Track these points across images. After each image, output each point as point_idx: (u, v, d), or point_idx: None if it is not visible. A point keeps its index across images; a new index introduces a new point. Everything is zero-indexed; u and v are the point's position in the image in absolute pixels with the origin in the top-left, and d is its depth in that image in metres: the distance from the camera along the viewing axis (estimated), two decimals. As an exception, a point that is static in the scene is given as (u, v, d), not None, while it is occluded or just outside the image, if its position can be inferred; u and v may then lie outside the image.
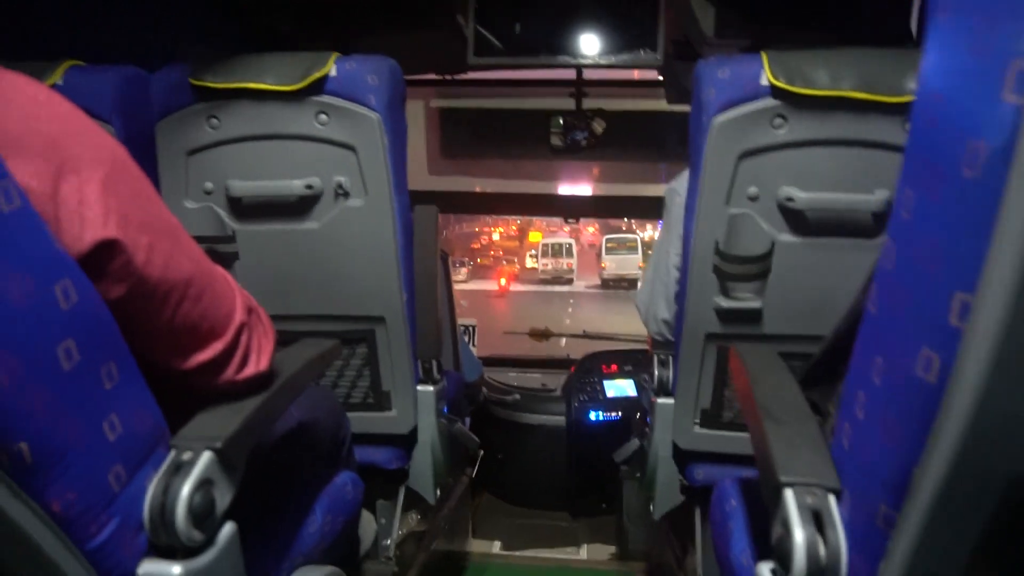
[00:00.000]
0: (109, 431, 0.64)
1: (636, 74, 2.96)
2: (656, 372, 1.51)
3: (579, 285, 23.36)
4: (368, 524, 1.64)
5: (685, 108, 1.43)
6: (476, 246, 30.74)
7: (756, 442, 0.74)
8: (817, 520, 0.62)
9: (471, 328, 3.08)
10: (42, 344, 0.56)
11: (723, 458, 1.46)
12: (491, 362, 3.10)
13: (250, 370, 0.81)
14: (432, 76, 2.94)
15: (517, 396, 2.86)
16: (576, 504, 2.76)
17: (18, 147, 0.59)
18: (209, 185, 1.43)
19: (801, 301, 1.33)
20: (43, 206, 0.60)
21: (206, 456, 0.72)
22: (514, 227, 33.11)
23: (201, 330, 0.75)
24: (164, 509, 0.68)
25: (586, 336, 3.53)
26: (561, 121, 2.82)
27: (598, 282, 22.96)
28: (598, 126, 2.85)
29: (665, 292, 1.51)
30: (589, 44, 2.35)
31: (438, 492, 1.64)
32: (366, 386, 1.55)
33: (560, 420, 2.76)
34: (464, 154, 3.09)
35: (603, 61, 2.36)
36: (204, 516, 0.70)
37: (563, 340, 3.76)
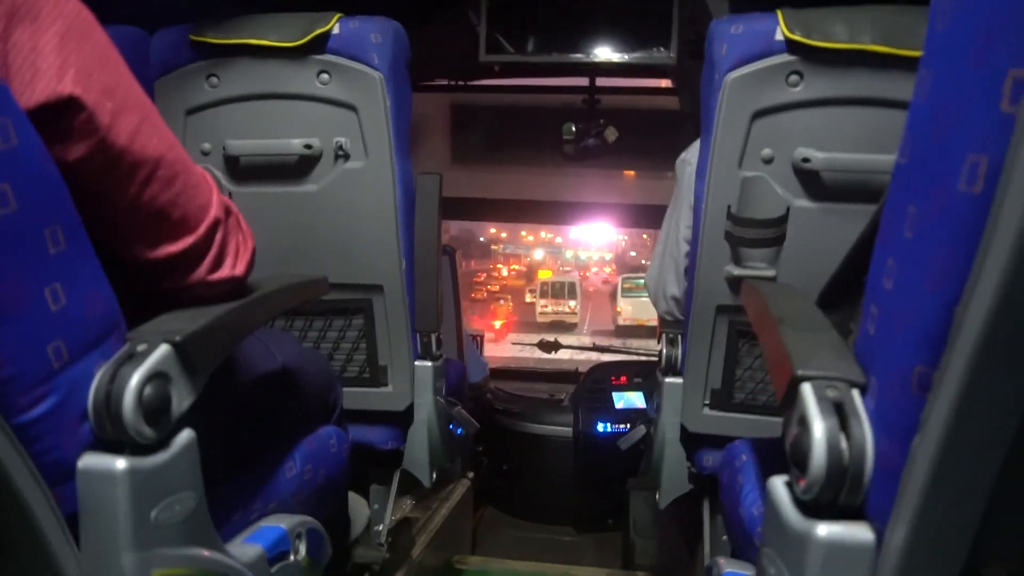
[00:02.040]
0: (51, 300, 0.58)
1: (649, 82, 2.94)
2: (664, 350, 1.44)
3: (584, 336, 19.08)
4: (360, 508, 1.56)
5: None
6: (478, 279, 28.06)
7: (770, 348, 0.67)
8: (839, 415, 0.54)
9: (479, 337, 3.01)
10: None
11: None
12: (498, 373, 3.02)
13: (224, 272, 0.76)
14: (446, 82, 2.95)
15: (523, 405, 2.77)
16: (581, 518, 2.65)
17: None
18: (207, 145, 1.39)
19: (817, 270, 1.24)
20: None
21: (163, 348, 0.65)
22: (516, 266, 31.48)
23: (171, 218, 0.70)
24: (110, 397, 0.61)
25: (596, 349, 3.45)
26: (573, 128, 2.79)
27: (611, 328, 19.68)
28: (611, 134, 2.82)
29: (675, 267, 1.44)
30: (602, 43, 2.32)
31: (434, 476, 1.56)
32: (362, 359, 1.49)
33: (567, 431, 2.66)
34: (478, 158, 3.07)
35: (616, 59, 2.33)
36: (156, 412, 0.64)
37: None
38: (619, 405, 2.66)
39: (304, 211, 1.40)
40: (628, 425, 2.54)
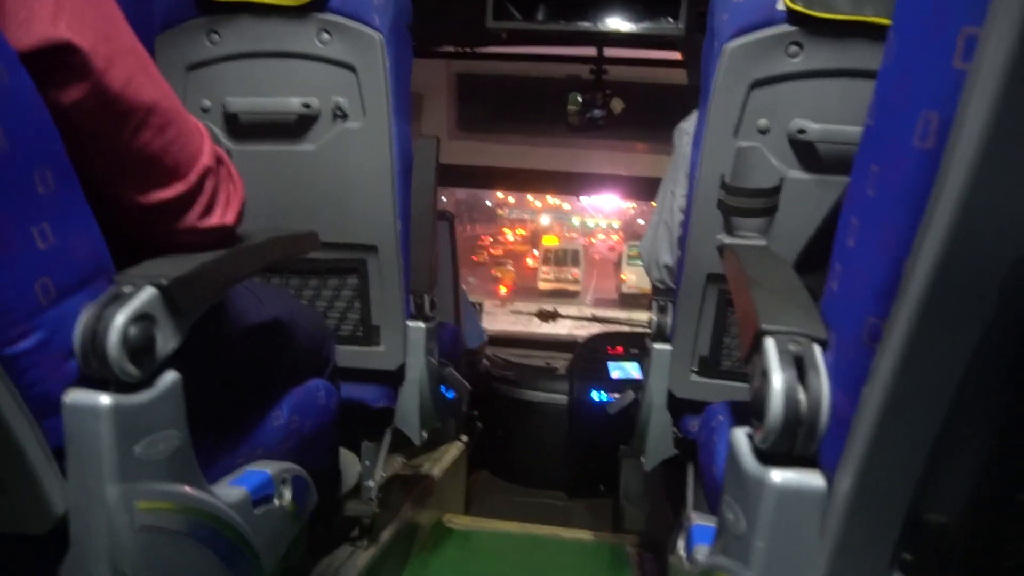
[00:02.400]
0: (39, 239, 0.60)
1: (657, 54, 2.91)
2: (655, 317, 1.45)
3: (586, 304, 17.95)
4: (351, 464, 1.59)
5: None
6: (482, 242, 27.51)
7: (740, 305, 0.68)
8: (799, 368, 0.56)
9: (479, 305, 3.03)
10: None
11: None
12: (496, 340, 3.05)
13: (214, 219, 0.77)
14: (452, 49, 2.92)
15: (519, 372, 2.80)
16: (573, 484, 2.69)
17: None
18: (207, 102, 1.40)
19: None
20: None
21: (148, 291, 0.67)
22: (521, 231, 30.75)
23: (162, 165, 0.71)
24: (95, 335, 0.63)
25: (595, 320, 3.47)
26: (579, 99, 2.78)
27: (614, 297, 19.19)
28: (617, 105, 2.80)
29: (669, 235, 1.45)
30: (611, 12, 2.30)
31: (424, 435, 1.58)
32: (356, 319, 1.51)
33: (562, 399, 2.69)
34: (482, 127, 3.06)
35: (624, 29, 2.31)
36: (140, 351, 0.66)
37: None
38: (614, 375, 2.69)
39: (301, 170, 1.41)
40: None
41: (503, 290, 19.21)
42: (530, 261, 23.06)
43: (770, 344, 0.57)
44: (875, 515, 0.50)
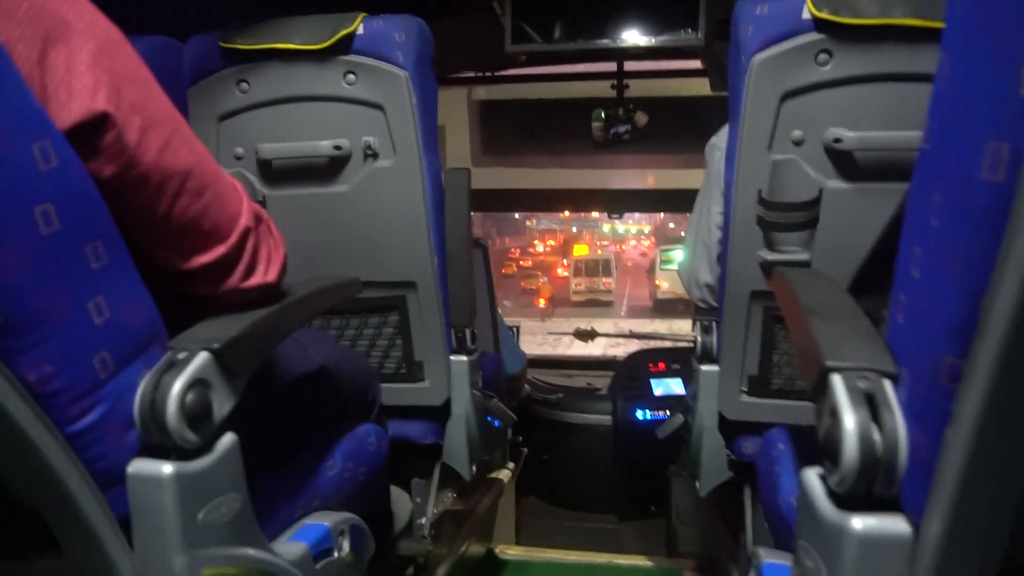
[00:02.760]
0: (95, 313, 0.60)
1: (678, 64, 2.90)
2: (699, 338, 1.43)
3: (621, 316, 18.74)
4: (402, 502, 1.58)
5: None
6: (512, 255, 27.88)
7: (800, 339, 0.66)
8: (871, 406, 0.54)
9: (515, 329, 3.02)
10: (14, 199, 0.53)
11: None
12: (535, 362, 3.03)
13: (257, 279, 0.78)
14: (472, 74, 2.94)
15: (561, 395, 2.78)
16: (623, 506, 2.65)
17: (3, 9, 0.57)
18: (240, 150, 1.42)
19: (853, 252, 1.22)
20: (28, 70, 0.57)
21: (202, 356, 0.68)
22: (551, 242, 30.74)
23: (202, 229, 0.72)
24: (155, 404, 0.64)
25: (632, 336, 3.43)
26: (603, 115, 2.77)
27: (648, 304, 19.31)
28: (641, 118, 2.79)
29: (707, 254, 1.43)
30: (629, 27, 2.30)
31: (474, 468, 1.58)
32: (398, 356, 1.51)
33: (606, 420, 2.66)
34: (507, 151, 3.06)
35: (643, 43, 2.30)
36: (199, 418, 0.66)
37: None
38: (657, 392, 2.65)
39: (336, 211, 1.42)
40: (667, 411, 2.53)
41: (542, 303, 19.40)
42: (560, 270, 23.26)
43: (838, 381, 0.55)
44: (970, 560, 0.48)
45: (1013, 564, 0.48)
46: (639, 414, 2.60)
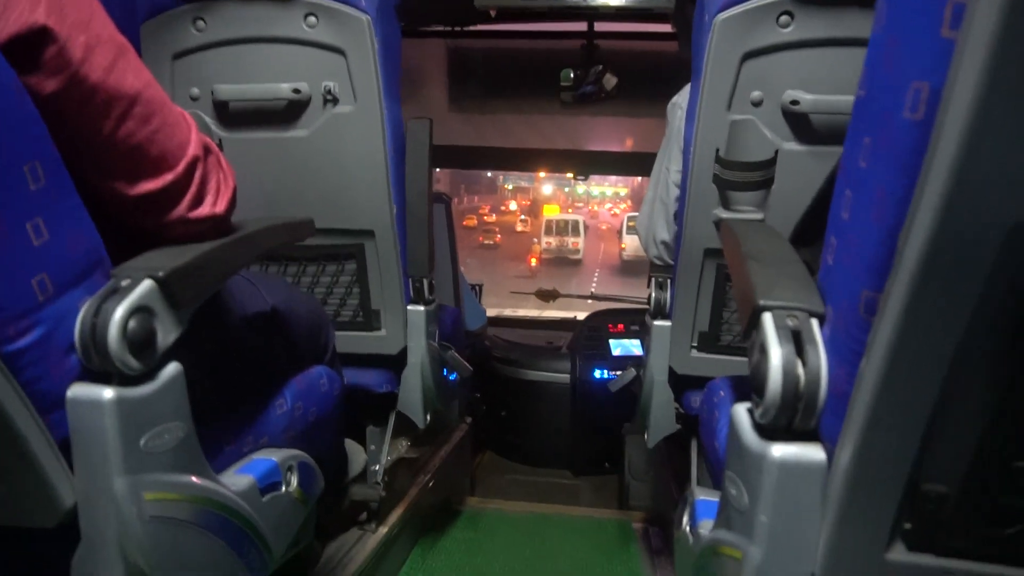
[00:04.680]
0: (33, 234, 0.60)
1: (649, 27, 2.89)
2: (653, 294, 1.45)
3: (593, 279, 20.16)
4: (356, 452, 1.60)
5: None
6: (483, 211, 28.30)
7: (737, 280, 0.68)
8: (797, 343, 0.56)
9: (478, 287, 3.03)
10: None
11: None
12: (497, 321, 3.05)
13: (205, 210, 0.77)
14: (442, 28, 2.90)
15: (521, 352, 2.81)
16: (578, 462, 2.71)
17: None
18: (195, 91, 1.39)
19: None
20: None
21: (146, 284, 0.67)
22: (525, 202, 30.87)
23: (149, 155, 0.71)
24: (96, 330, 0.63)
25: (593, 298, 3.47)
26: (571, 75, 2.76)
27: (617, 263, 20.72)
28: (609, 81, 2.78)
29: (665, 212, 1.45)
30: None
31: (428, 418, 1.59)
32: (355, 304, 1.51)
33: (565, 378, 2.70)
34: (474, 108, 3.03)
35: (614, 3, 2.29)
36: (141, 344, 0.66)
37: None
38: (616, 352, 2.70)
39: (295, 156, 1.40)
40: (624, 371, 2.58)
41: (533, 262, 20.54)
42: (518, 226, 24.66)
43: (768, 319, 0.57)
44: (875, 486, 0.51)
45: (915, 492, 0.51)
46: (597, 373, 2.64)
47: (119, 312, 0.64)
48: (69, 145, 0.65)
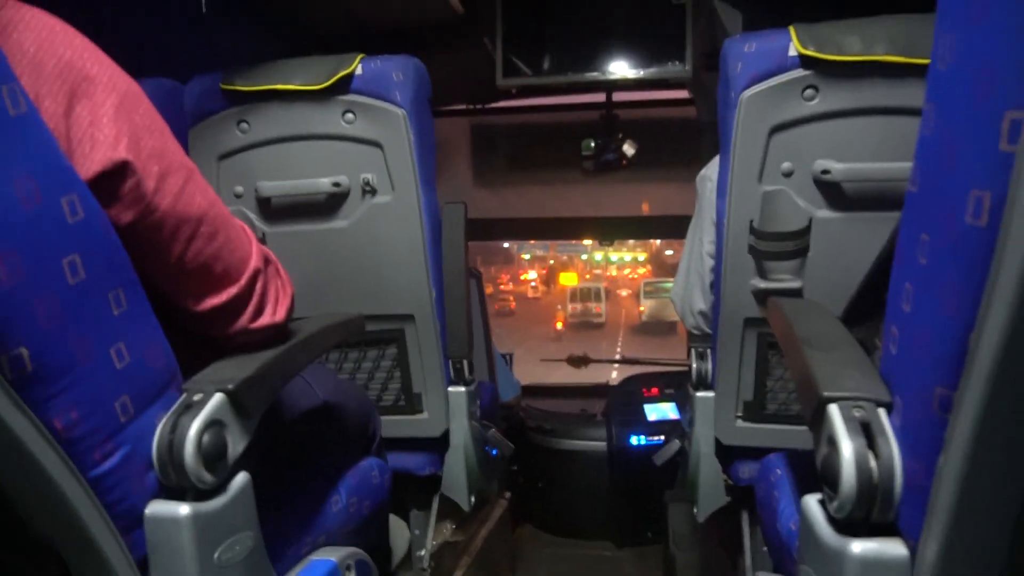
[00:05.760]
0: (116, 359, 0.62)
1: (666, 94, 2.96)
2: (694, 365, 1.45)
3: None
4: (401, 533, 1.59)
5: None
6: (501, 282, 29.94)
7: (796, 369, 0.69)
8: (867, 434, 0.56)
9: (508, 356, 3.04)
10: (46, 252, 0.56)
11: (769, 453, 1.38)
12: (529, 390, 3.05)
13: (265, 319, 0.80)
14: (465, 106, 2.99)
15: (556, 421, 2.79)
16: (620, 532, 2.65)
17: (32, 65, 0.60)
18: (239, 189, 1.45)
19: (844, 279, 1.25)
20: (55, 124, 0.60)
21: (217, 397, 0.69)
22: (543, 271, 31.83)
23: (214, 272, 0.74)
24: (172, 446, 0.65)
25: (624, 361, 3.46)
26: (592, 144, 2.82)
27: (637, 324, 22.68)
28: (630, 148, 2.84)
29: (700, 282, 1.46)
30: (617, 60, 2.35)
31: (472, 499, 1.58)
32: (397, 388, 1.53)
33: (601, 446, 2.67)
34: (499, 181, 3.10)
35: (632, 75, 2.36)
36: (214, 458, 0.68)
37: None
38: (651, 417, 2.67)
39: (335, 246, 1.44)
40: (662, 436, 2.54)
41: (559, 325, 22.65)
42: (530, 292, 27.16)
43: (835, 411, 0.58)
44: (965, 583, 0.50)
45: None
46: (634, 439, 2.61)
47: (194, 428, 0.66)
48: (141, 266, 0.68)
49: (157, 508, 0.65)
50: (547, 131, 3.03)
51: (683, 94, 2.83)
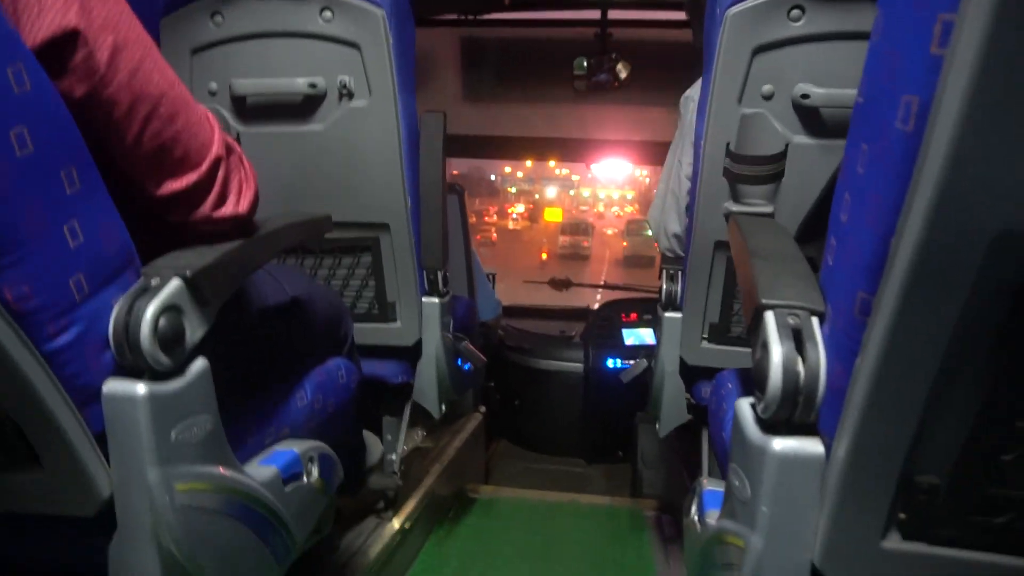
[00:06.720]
0: (70, 236, 0.63)
1: (663, 14, 2.88)
2: (664, 286, 1.47)
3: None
4: (373, 442, 1.64)
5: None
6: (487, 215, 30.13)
7: (743, 278, 0.70)
8: (797, 340, 0.58)
9: (492, 276, 3.06)
10: None
11: None
12: (510, 311, 3.08)
13: (228, 209, 0.80)
14: (455, 16, 2.90)
15: (534, 342, 2.84)
16: (591, 450, 2.74)
17: None
18: (213, 85, 1.42)
19: None
20: None
21: (174, 282, 0.71)
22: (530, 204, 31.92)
23: (173, 155, 0.74)
24: (128, 328, 0.67)
25: (606, 287, 3.49)
26: (585, 64, 2.76)
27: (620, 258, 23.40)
28: (623, 69, 2.79)
29: (676, 205, 1.47)
30: None
31: (443, 408, 1.63)
32: (371, 296, 1.54)
33: (578, 367, 2.73)
34: (487, 97, 3.04)
35: (627, -7, 2.29)
36: (171, 341, 0.69)
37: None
38: (629, 341, 2.72)
39: (310, 150, 1.43)
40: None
41: (544, 256, 23.27)
42: (510, 223, 27.71)
43: (770, 317, 0.60)
44: (870, 478, 0.53)
45: (908, 484, 0.53)
46: (610, 362, 2.67)
47: (150, 311, 0.67)
48: (97, 146, 0.68)
49: (114, 385, 0.67)
50: (539, 47, 2.95)
51: (679, 16, 2.76)
